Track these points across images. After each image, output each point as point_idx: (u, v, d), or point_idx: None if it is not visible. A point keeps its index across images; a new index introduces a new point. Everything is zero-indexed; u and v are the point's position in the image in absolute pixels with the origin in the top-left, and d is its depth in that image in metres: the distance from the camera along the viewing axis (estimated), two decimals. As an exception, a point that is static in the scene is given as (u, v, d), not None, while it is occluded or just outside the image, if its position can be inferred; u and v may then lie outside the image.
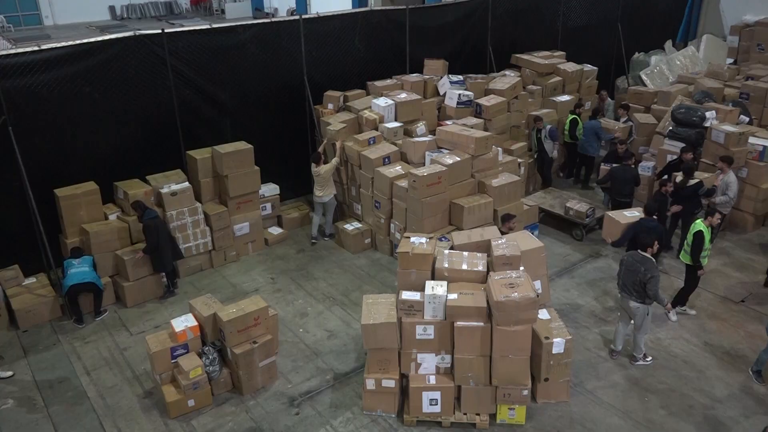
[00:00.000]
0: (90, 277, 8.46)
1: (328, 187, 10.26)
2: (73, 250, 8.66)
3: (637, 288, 7.31)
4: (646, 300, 7.34)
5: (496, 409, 6.83)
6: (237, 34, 10.37)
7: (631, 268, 7.35)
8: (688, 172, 9.63)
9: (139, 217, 8.70)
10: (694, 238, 8.00)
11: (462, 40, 13.17)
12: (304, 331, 8.46)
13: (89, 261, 8.60)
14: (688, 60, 15.37)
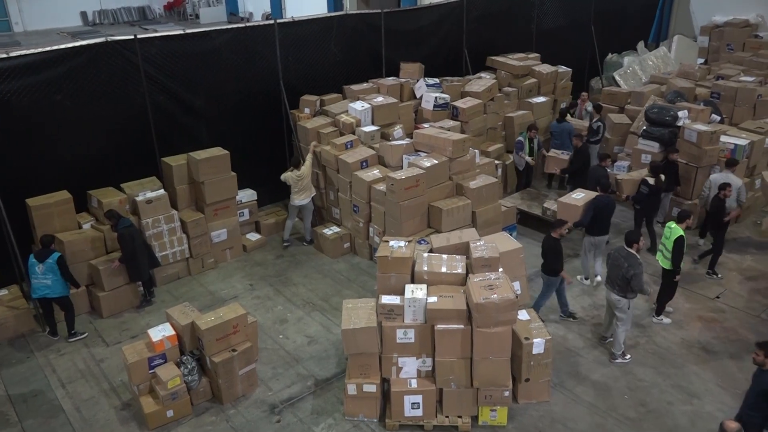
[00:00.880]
0: (54, 292, 8.05)
1: (308, 190, 10.21)
2: (42, 238, 8.01)
3: (620, 282, 7.48)
4: (628, 294, 7.50)
5: (478, 411, 6.84)
6: (211, 39, 10.29)
7: (616, 263, 7.54)
8: (655, 171, 9.83)
9: (113, 226, 8.54)
10: (675, 245, 8.01)
11: (437, 43, 13.21)
12: (284, 337, 8.39)
13: (52, 268, 7.92)
14: (660, 60, 15.61)
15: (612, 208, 9.06)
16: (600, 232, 9.10)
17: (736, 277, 9.49)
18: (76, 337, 8.37)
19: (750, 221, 11.14)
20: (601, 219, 9.00)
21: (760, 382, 5.77)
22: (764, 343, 5.75)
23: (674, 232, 8.08)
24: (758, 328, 8.34)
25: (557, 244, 8.08)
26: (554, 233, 8.09)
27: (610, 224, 9.28)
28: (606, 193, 9.08)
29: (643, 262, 7.62)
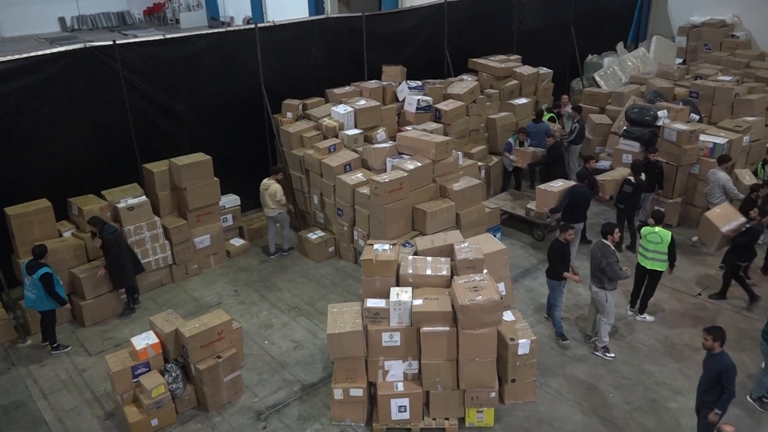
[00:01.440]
0: (39, 307, 7.95)
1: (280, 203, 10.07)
2: (34, 249, 7.89)
3: (597, 273, 7.69)
4: (606, 285, 7.66)
5: (464, 413, 6.85)
6: (192, 44, 10.23)
7: (593, 255, 7.74)
8: (636, 169, 9.96)
9: (98, 233, 8.44)
10: (672, 245, 8.21)
11: (419, 45, 13.24)
12: (270, 343, 8.35)
13: (36, 284, 7.76)
14: (639, 61, 15.77)
15: (587, 198, 9.46)
16: (575, 219, 9.37)
17: (717, 274, 9.59)
18: (59, 350, 8.25)
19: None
20: (576, 207, 9.42)
21: (712, 367, 5.95)
22: (711, 328, 5.97)
23: (664, 234, 8.20)
24: (739, 324, 8.44)
25: (563, 248, 7.94)
26: (561, 237, 7.93)
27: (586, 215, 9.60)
28: (582, 183, 9.50)
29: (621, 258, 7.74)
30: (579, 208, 9.43)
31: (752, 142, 11.41)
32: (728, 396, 5.85)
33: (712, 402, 5.95)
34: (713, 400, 5.94)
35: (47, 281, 7.82)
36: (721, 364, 5.86)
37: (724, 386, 5.84)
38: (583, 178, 9.66)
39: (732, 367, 5.84)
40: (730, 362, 5.87)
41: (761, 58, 14.48)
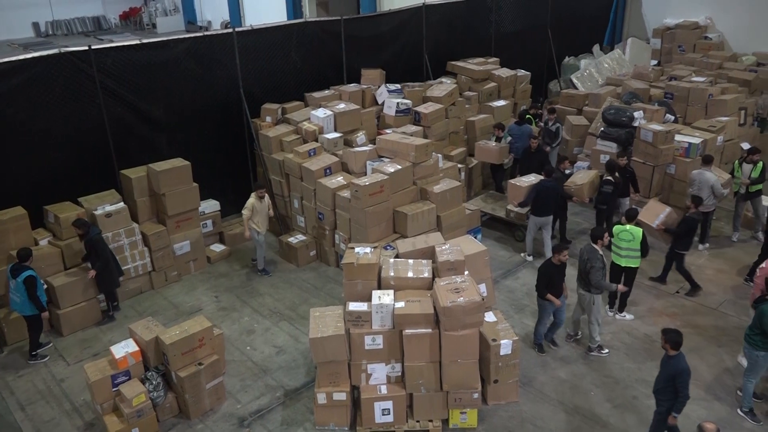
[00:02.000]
0: (23, 311, 7.90)
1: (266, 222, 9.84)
2: (19, 252, 7.84)
3: (583, 276, 7.79)
4: (592, 289, 7.74)
5: (448, 414, 6.86)
6: (169, 48, 10.16)
7: (581, 258, 7.83)
8: (611, 168, 10.11)
9: (83, 234, 8.38)
10: (644, 241, 8.34)
11: (398, 49, 13.28)
12: (252, 348, 8.29)
13: (20, 287, 7.71)
14: (615, 62, 15.97)
15: (553, 192, 9.77)
16: (542, 213, 9.79)
17: (693, 272, 9.72)
18: (37, 359, 8.12)
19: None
20: (542, 201, 9.76)
21: (667, 369, 6.04)
22: (666, 330, 6.07)
23: (636, 232, 8.33)
24: (716, 321, 8.57)
25: (552, 269, 7.64)
26: (554, 258, 7.67)
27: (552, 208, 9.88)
28: (549, 177, 9.81)
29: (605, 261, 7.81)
30: (546, 202, 9.73)
31: (726, 142, 11.61)
32: (682, 399, 5.95)
33: (665, 400, 6.06)
34: (666, 399, 6.04)
35: (30, 284, 7.72)
36: (675, 368, 5.92)
37: (677, 389, 5.92)
38: (551, 173, 9.91)
39: (686, 371, 5.90)
40: (684, 366, 5.92)
41: (733, 59, 14.75)
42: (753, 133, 12.80)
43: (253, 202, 9.60)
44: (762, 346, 6.67)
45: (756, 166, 10.30)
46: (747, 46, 15.35)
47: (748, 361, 6.90)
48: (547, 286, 7.69)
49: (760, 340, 6.66)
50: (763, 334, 6.61)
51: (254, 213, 9.62)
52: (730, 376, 7.56)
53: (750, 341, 6.78)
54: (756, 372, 6.86)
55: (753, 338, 6.73)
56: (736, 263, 9.89)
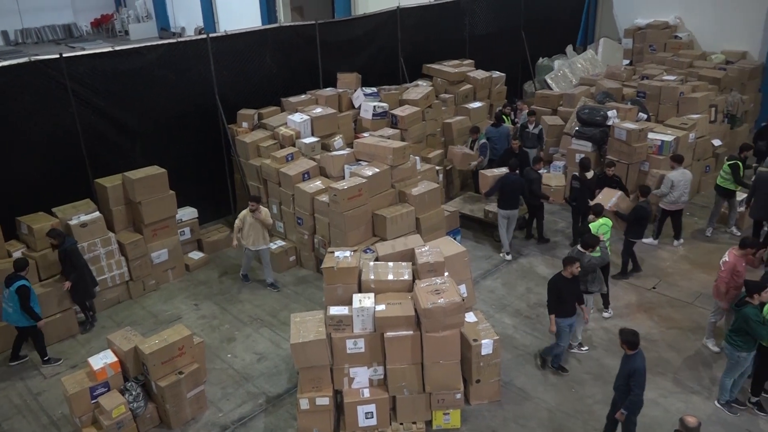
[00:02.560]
0: (17, 321, 7.82)
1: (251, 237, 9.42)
2: (15, 262, 7.84)
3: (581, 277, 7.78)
4: (589, 287, 7.87)
5: (431, 416, 6.88)
6: (142, 55, 10.07)
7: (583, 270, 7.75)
8: (585, 166, 10.25)
9: (58, 244, 8.29)
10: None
11: (374, 52, 13.31)
12: (233, 356, 8.23)
13: (13, 297, 7.63)
14: (588, 63, 16.16)
15: (517, 186, 9.98)
16: (506, 206, 10.04)
17: (669, 267, 9.89)
18: (50, 363, 8.13)
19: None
20: (507, 194, 10.01)
21: (625, 366, 6.08)
22: (622, 331, 6.12)
23: (609, 223, 8.63)
24: (692, 315, 8.71)
25: (563, 283, 7.33)
26: (565, 272, 7.33)
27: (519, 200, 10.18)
28: (513, 172, 10.04)
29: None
30: (510, 195, 9.98)
31: (698, 139, 11.82)
32: (633, 398, 5.99)
33: (622, 398, 6.11)
34: (624, 396, 6.09)
35: (23, 294, 7.64)
36: (631, 367, 5.98)
37: (630, 388, 5.98)
38: (515, 167, 10.09)
39: (640, 370, 5.97)
40: (639, 366, 5.98)
41: (703, 58, 15.03)
42: (724, 130, 13.05)
43: (245, 214, 9.31)
44: (744, 347, 6.73)
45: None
46: (715, 45, 15.65)
47: (729, 361, 6.92)
48: (557, 302, 7.35)
49: (742, 342, 6.70)
50: (746, 336, 6.66)
51: (244, 225, 9.32)
52: (708, 369, 7.69)
53: (732, 342, 6.79)
54: (736, 371, 6.91)
55: (735, 339, 6.76)
56: (710, 257, 10.06)
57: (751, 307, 6.65)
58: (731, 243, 9.62)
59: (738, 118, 13.67)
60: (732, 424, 6.88)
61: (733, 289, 7.55)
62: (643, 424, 6.86)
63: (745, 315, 6.63)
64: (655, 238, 10.55)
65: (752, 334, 6.62)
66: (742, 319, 6.64)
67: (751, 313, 6.60)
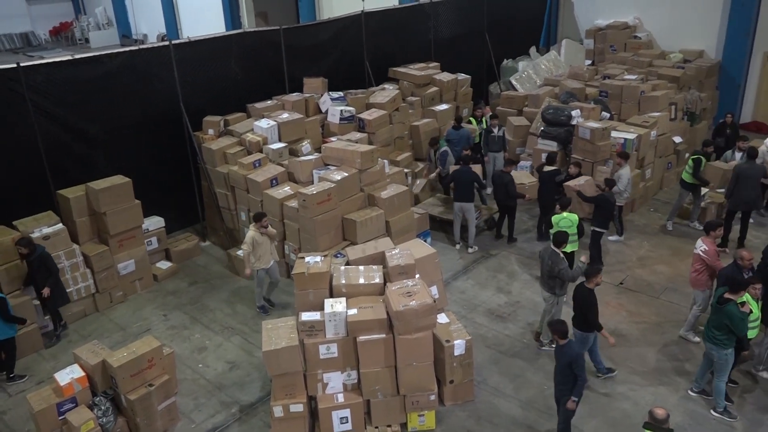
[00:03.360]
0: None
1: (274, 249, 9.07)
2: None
3: (547, 280, 7.93)
4: (556, 290, 7.92)
5: (406, 418, 6.89)
6: (103, 63, 9.90)
7: (545, 262, 7.94)
8: (550, 160, 10.60)
9: (29, 253, 8.14)
10: (581, 226, 8.74)
11: (339, 56, 13.30)
12: (204, 365, 8.13)
13: None
14: (552, 63, 16.41)
15: (468, 178, 10.33)
16: (460, 198, 10.40)
17: (636, 263, 10.07)
18: (15, 381, 7.92)
19: (645, 209, 11.88)
20: (460, 187, 10.38)
21: (562, 358, 6.19)
22: (552, 322, 6.26)
23: (573, 218, 8.79)
24: (660, 309, 8.89)
25: (592, 295, 7.17)
26: (589, 284, 7.15)
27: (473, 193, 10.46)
28: (466, 165, 10.42)
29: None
30: (463, 187, 10.34)
31: (659, 137, 12.08)
32: (581, 383, 6.13)
33: (568, 390, 6.21)
34: (567, 387, 6.20)
35: (3, 307, 7.53)
36: (569, 355, 6.10)
37: (575, 374, 6.10)
38: (468, 161, 10.51)
39: (580, 355, 6.15)
40: (577, 351, 6.17)
41: (662, 57, 15.37)
42: (684, 127, 13.37)
43: (253, 235, 8.60)
44: (729, 344, 6.75)
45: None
46: (673, 44, 16.03)
47: (718, 362, 6.87)
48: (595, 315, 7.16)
49: (726, 338, 6.71)
50: (729, 332, 6.68)
51: (255, 247, 8.70)
52: (676, 362, 7.85)
53: (716, 342, 6.77)
54: (726, 370, 6.90)
55: (719, 338, 6.74)
56: (674, 252, 10.29)
57: (733, 304, 6.65)
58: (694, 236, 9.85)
59: (697, 116, 14.02)
60: (699, 414, 7.04)
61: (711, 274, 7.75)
62: (614, 418, 7.00)
63: (729, 312, 6.60)
64: (620, 235, 10.75)
65: (736, 332, 6.68)
66: (726, 316, 6.62)
67: (735, 310, 6.61)
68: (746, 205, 10.09)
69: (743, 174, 9.93)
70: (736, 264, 7.40)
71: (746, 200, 10.01)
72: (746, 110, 15.69)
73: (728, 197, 10.26)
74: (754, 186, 9.99)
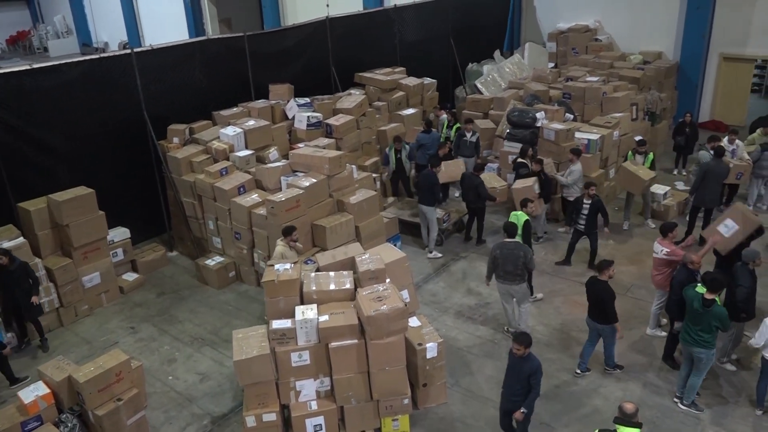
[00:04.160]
0: None
1: None
2: None
3: (519, 271, 8.01)
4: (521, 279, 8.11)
5: (380, 423, 6.88)
6: (63, 72, 9.71)
7: (511, 256, 8.00)
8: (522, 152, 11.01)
9: (9, 262, 8.02)
10: (525, 228, 8.74)
11: (305, 62, 13.26)
12: (174, 378, 8.00)
13: None
14: (516, 67, 16.62)
15: (429, 181, 10.35)
16: (422, 201, 10.48)
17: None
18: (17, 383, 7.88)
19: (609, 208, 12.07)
20: (422, 190, 10.52)
21: (522, 369, 6.09)
22: (518, 336, 6.15)
23: (521, 218, 8.84)
24: (626, 306, 9.03)
25: (609, 286, 7.27)
26: (602, 275, 7.29)
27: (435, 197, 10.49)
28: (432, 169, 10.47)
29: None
30: (425, 190, 10.43)
31: (621, 136, 12.33)
32: (534, 396, 6.13)
33: (521, 402, 6.15)
34: (522, 398, 6.15)
35: None
36: (531, 367, 6.06)
37: (532, 386, 6.08)
38: (435, 164, 10.54)
39: (540, 367, 6.10)
40: (538, 363, 6.11)
41: (622, 59, 15.70)
42: (645, 127, 13.67)
43: (282, 251, 8.21)
44: (713, 344, 6.84)
45: (647, 156, 11.12)
46: (633, 46, 16.40)
47: (705, 362, 6.90)
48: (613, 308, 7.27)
49: (713, 338, 6.78)
50: (715, 332, 6.75)
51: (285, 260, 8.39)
52: (644, 357, 8.00)
53: (705, 345, 6.78)
54: (708, 368, 6.99)
55: (708, 340, 6.75)
56: (637, 250, 10.50)
57: (717, 305, 6.71)
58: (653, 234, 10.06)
59: (657, 115, 14.36)
60: (667, 407, 7.18)
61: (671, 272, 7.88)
62: (585, 415, 7.10)
63: (719, 314, 6.66)
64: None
65: (724, 329, 6.81)
66: (716, 318, 6.66)
67: (722, 309, 6.71)
68: (710, 203, 10.36)
69: (710, 172, 10.19)
70: (686, 268, 7.45)
71: (710, 198, 10.28)
72: (704, 109, 16.16)
73: (692, 194, 10.52)
74: (718, 184, 10.28)
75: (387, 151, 12.06)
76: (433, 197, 10.44)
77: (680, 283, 7.34)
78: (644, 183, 10.73)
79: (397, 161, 11.94)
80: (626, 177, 10.89)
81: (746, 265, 7.50)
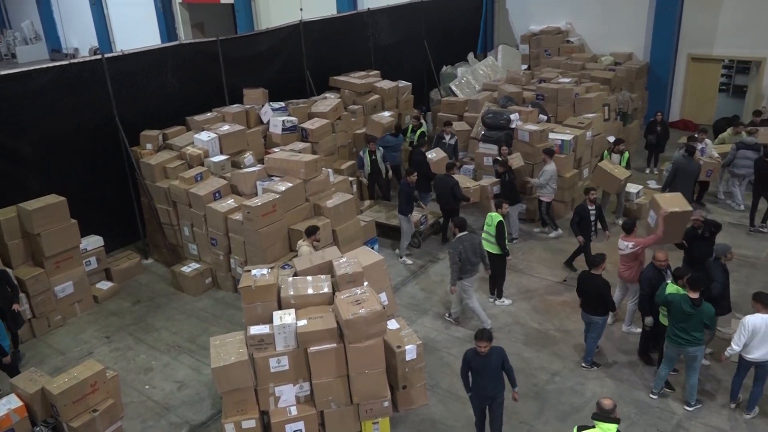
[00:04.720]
0: None
1: None
2: None
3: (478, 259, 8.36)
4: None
5: (360, 427, 6.86)
6: (32, 79, 9.54)
7: (470, 246, 8.26)
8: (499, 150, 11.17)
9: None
10: (498, 229, 8.76)
11: (279, 67, 13.21)
12: (151, 387, 7.89)
13: None
14: (489, 69, 16.75)
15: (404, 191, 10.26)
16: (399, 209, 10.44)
17: (577, 260, 10.33)
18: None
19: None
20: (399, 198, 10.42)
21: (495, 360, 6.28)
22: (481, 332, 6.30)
23: (494, 218, 8.84)
24: (602, 303, 9.15)
25: (603, 279, 7.52)
26: (596, 270, 7.57)
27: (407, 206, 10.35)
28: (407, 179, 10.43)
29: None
30: (400, 199, 10.40)
31: (594, 137, 12.50)
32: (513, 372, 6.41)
33: (502, 386, 6.37)
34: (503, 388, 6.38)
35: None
36: (500, 354, 6.30)
37: (508, 369, 6.34)
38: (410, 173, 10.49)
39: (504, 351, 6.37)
40: (501, 347, 6.41)
41: (594, 60, 15.92)
42: (617, 127, 13.87)
43: (308, 251, 8.15)
44: (703, 339, 6.94)
45: (623, 155, 11.29)
46: (604, 47, 16.65)
47: (699, 359, 7.01)
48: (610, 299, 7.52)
49: (702, 335, 6.86)
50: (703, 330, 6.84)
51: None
52: (623, 355, 8.10)
53: (698, 343, 6.83)
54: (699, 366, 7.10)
55: (699, 337, 6.81)
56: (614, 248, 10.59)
57: (707, 304, 6.80)
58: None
59: (629, 115, 14.59)
60: (643, 402, 7.28)
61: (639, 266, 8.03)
62: (563, 412, 7.17)
63: (708, 312, 6.76)
64: (555, 229, 11.11)
65: (713, 325, 6.96)
66: (706, 316, 6.75)
67: (711, 308, 6.81)
68: None
69: (682, 169, 10.34)
70: (653, 266, 7.57)
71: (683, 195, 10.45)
72: (674, 109, 16.47)
73: (664, 191, 10.68)
74: (690, 182, 10.43)
75: (361, 154, 12.05)
76: (407, 207, 10.33)
77: (648, 279, 7.48)
78: (620, 182, 10.87)
79: (372, 162, 11.93)
80: (602, 176, 11.02)
81: (718, 260, 7.64)
